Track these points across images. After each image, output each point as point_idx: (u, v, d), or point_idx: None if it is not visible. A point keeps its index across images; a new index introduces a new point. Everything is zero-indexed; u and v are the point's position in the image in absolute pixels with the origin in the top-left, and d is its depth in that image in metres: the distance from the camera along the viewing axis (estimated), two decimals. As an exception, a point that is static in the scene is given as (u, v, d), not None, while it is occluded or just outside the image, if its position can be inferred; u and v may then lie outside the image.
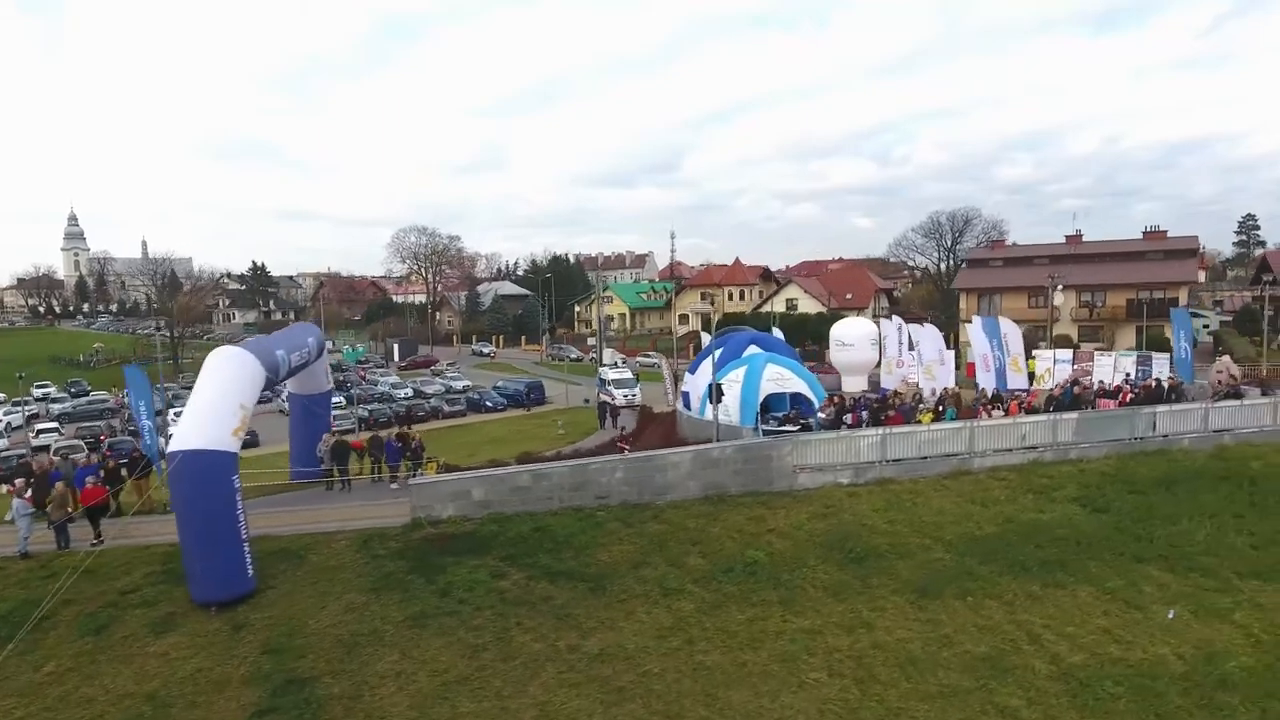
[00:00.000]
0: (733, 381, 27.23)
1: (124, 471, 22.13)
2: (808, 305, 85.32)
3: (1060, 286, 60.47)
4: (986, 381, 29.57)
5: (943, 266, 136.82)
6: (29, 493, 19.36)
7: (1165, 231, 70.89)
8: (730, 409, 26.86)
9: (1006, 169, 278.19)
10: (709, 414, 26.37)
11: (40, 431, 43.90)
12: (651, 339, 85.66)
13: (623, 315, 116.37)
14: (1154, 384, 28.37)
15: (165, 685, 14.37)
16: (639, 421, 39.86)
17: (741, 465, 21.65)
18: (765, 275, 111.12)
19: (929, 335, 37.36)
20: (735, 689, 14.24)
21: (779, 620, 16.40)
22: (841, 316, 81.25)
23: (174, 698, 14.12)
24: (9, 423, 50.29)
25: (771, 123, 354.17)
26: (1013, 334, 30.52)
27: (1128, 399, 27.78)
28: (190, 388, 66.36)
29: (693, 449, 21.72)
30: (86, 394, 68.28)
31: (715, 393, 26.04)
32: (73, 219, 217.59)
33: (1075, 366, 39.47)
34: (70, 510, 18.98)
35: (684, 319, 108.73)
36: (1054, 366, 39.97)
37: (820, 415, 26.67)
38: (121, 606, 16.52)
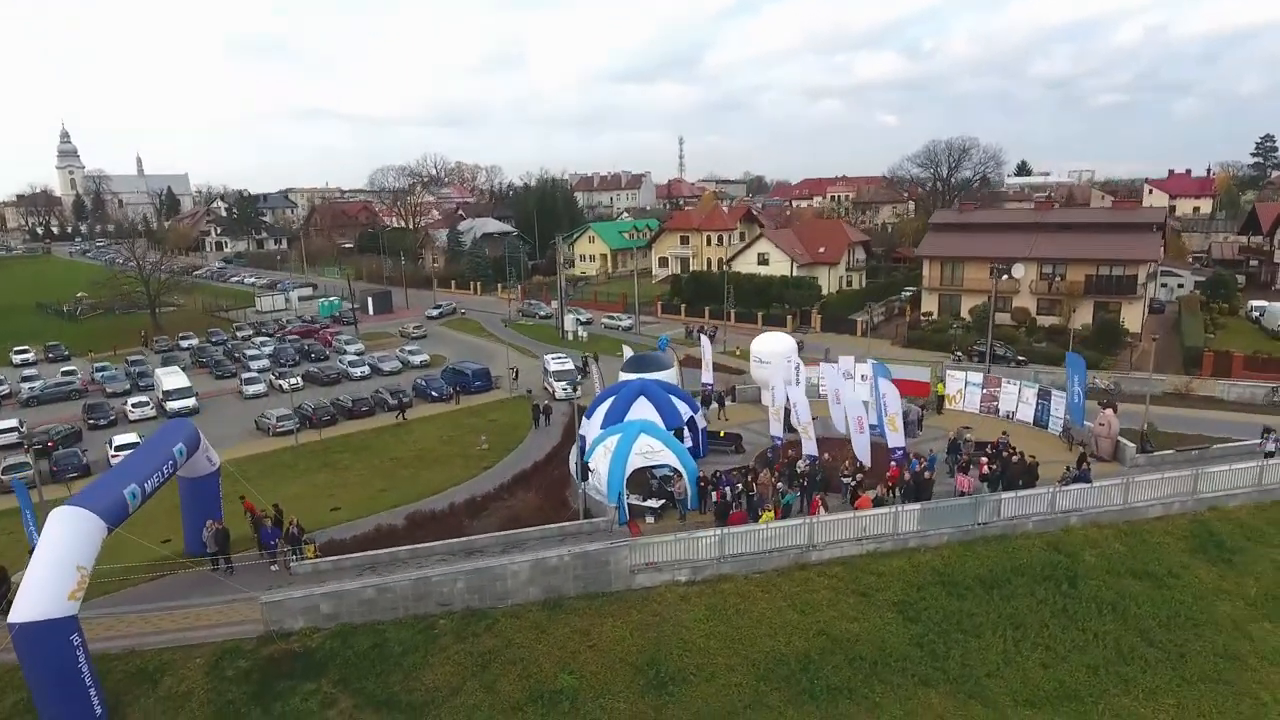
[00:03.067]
0: (607, 450, 28.34)
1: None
2: (779, 260, 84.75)
3: (1010, 273, 60.16)
4: (860, 446, 30.21)
5: (939, 201, 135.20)
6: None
7: (1138, 201, 69.39)
8: (600, 482, 28.15)
9: (1042, 63, 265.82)
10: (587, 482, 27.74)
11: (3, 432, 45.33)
12: (622, 296, 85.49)
13: (604, 256, 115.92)
14: (1015, 455, 29.21)
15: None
16: (546, 452, 39.28)
17: (580, 570, 23.22)
18: (747, 217, 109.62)
19: (890, 391, 32.17)
20: None
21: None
22: (811, 278, 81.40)
23: None
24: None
25: (799, 12, 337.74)
26: (890, 394, 31.10)
27: (985, 470, 28.76)
28: (168, 352, 65.38)
29: (531, 558, 23.24)
30: (67, 358, 70.01)
31: (582, 471, 27.31)
32: (64, 136, 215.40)
33: (984, 390, 40.20)
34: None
35: (664, 262, 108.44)
36: (965, 389, 40.73)
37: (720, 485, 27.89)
38: (-14, 741, 18.67)
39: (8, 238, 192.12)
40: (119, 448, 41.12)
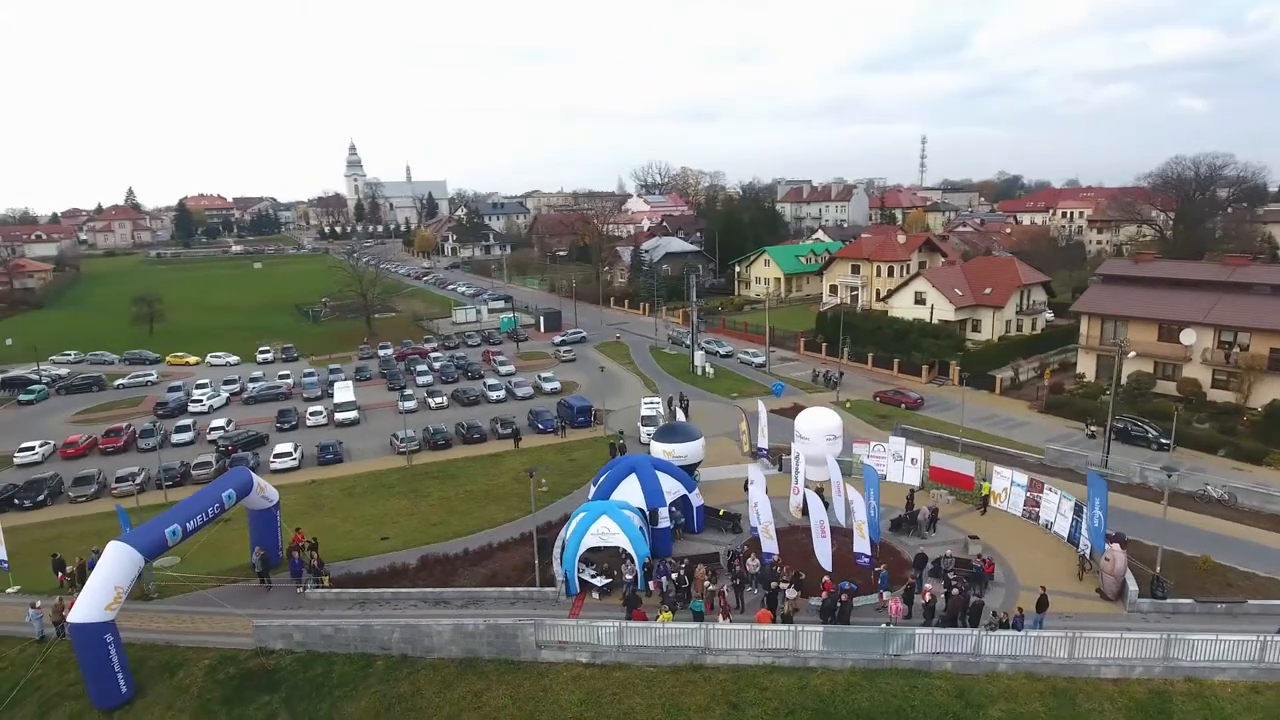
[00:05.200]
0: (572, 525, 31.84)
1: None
2: (937, 301, 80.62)
3: (1126, 352, 53.51)
4: (823, 551, 30.44)
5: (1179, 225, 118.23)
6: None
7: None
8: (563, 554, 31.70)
9: None
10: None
11: (213, 429, 58.35)
12: (770, 330, 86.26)
13: (777, 280, 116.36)
14: (960, 592, 28.00)
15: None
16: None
17: (493, 639, 27.15)
18: (928, 246, 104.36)
19: (857, 498, 31.50)
20: None
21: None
22: (961, 323, 76.90)
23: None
24: (211, 405, 66.88)
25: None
26: (858, 500, 30.85)
27: (926, 597, 28.09)
28: (365, 360, 72.64)
29: (452, 622, 27.55)
30: (295, 359, 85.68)
31: (539, 546, 31.10)
32: (352, 149, 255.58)
33: (1028, 494, 37.68)
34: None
35: (833, 290, 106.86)
36: (1010, 489, 38.43)
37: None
38: (61, 697, 26.83)
39: (301, 236, 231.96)
40: (276, 455, 51.73)
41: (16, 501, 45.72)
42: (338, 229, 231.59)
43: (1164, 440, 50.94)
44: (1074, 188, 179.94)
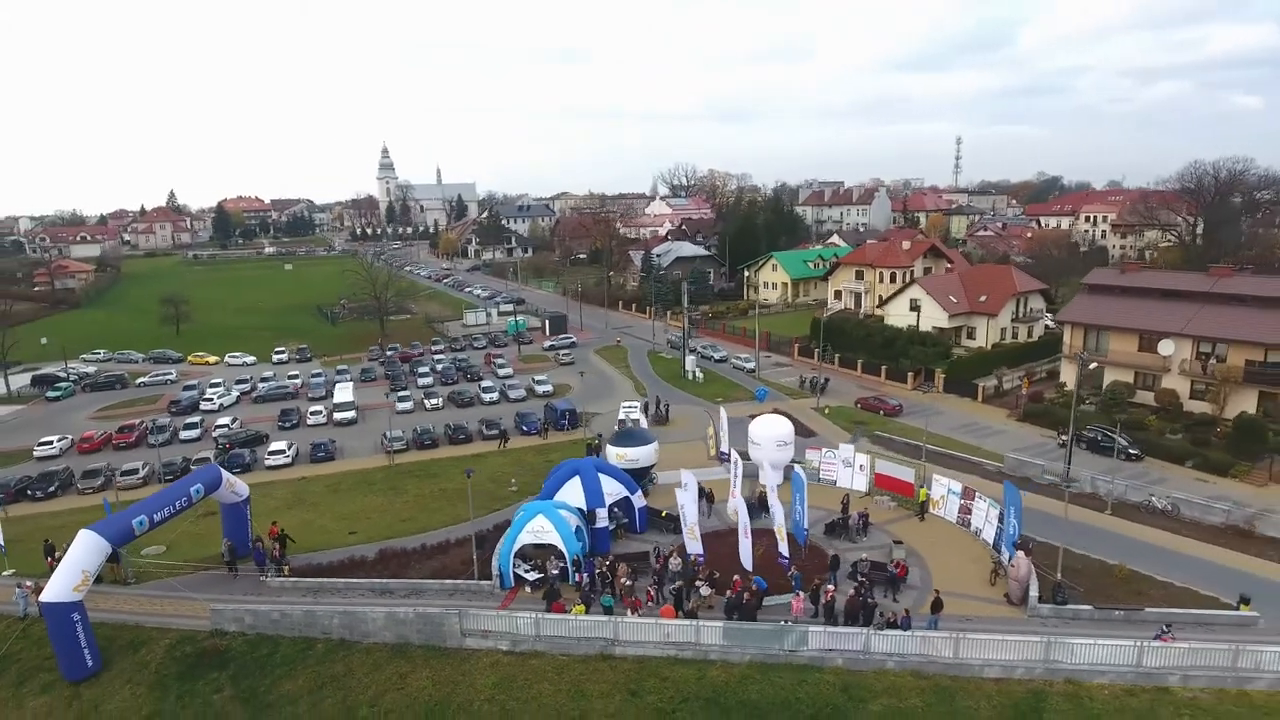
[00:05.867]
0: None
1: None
2: (931, 308, 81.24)
3: (1088, 363, 53.88)
4: (744, 551, 32.07)
5: (1198, 229, 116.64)
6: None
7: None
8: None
9: None
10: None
11: (217, 426, 61.91)
12: (765, 334, 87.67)
13: (785, 285, 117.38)
14: (857, 593, 29.54)
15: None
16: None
17: (422, 626, 29.49)
18: (933, 252, 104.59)
19: (778, 506, 33.72)
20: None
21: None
22: (954, 330, 77.56)
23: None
24: (222, 403, 70.63)
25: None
26: (777, 509, 32.51)
27: (830, 597, 29.68)
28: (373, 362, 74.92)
29: (386, 610, 29.95)
30: (309, 359, 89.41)
31: (475, 541, 33.41)
32: (384, 152, 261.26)
33: (961, 501, 38.90)
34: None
35: (838, 295, 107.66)
36: (946, 497, 39.69)
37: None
38: (36, 670, 29.83)
39: (333, 238, 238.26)
40: (271, 452, 54.92)
41: (29, 492, 49.42)
42: (369, 230, 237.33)
43: (1131, 450, 51.55)
44: (1099, 191, 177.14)
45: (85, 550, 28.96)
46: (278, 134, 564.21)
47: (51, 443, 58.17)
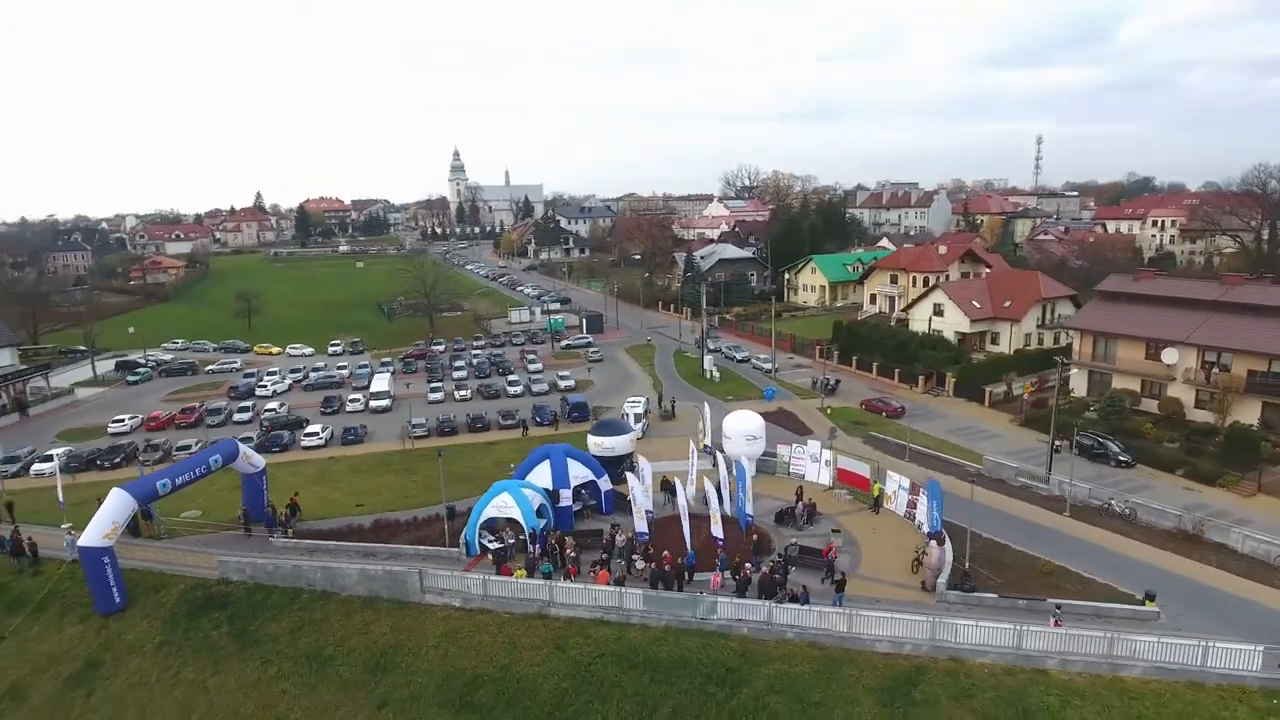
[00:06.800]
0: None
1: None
2: (953, 314, 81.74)
3: (1068, 367, 54.09)
4: (686, 531, 35.44)
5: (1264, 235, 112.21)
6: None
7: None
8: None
9: None
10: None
11: (266, 410, 68.58)
12: (790, 336, 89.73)
13: (823, 287, 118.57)
14: (771, 571, 32.33)
15: (55, 648, 32.98)
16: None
17: (389, 582, 33.89)
18: (971, 257, 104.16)
19: (712, 494, 37.00)
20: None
21: (292, 699, 29.67)
22: (991, 331, 78.15)
23: (59, 655, 32.63)
24: (275, 390, 77.51)
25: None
26: (712, 494, 35.49)
27: (747, 574, 32.58)
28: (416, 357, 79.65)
29: (359, 567, 34.47)
30: (361, 352, 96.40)
31: (449, 513, 37.69)
32: (456, 154, 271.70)
33: (909, 497, 40.96)
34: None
35: (873, 299, 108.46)
36: (897, 492, 41.79)
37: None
38: (75, 604, 35.57)
39: (404, 237, 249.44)
40: (307, 434, 60.87)
41: (98, 462, 56.49)
42: (438, 230, 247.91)
43: (1122, 457, 52.09)
44: (1171, 194, 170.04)
45: (116, 505, 34.55)
46: (361, 138, 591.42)
47: (123, 421, 65.66)
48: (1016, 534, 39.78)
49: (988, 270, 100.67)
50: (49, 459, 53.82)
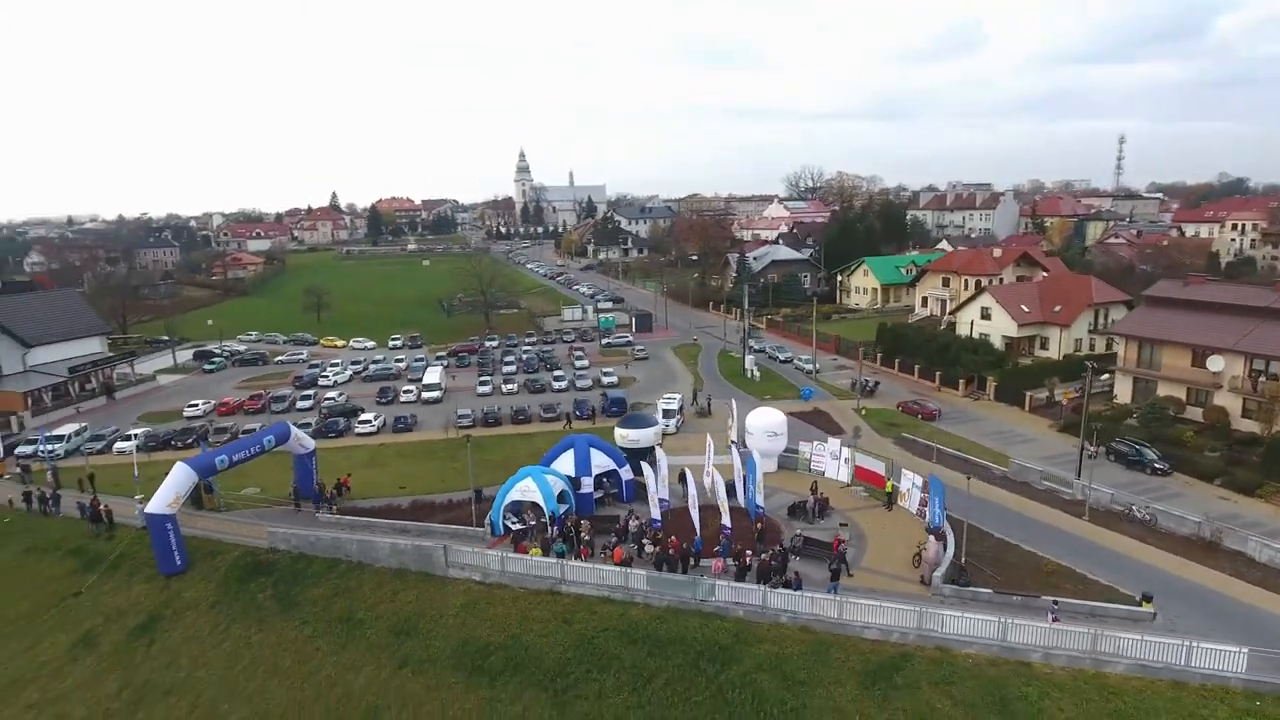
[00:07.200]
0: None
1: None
2: (1000, 319, 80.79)
3: (1100, 373, 53.05)
4: (694, 520, 37.20)
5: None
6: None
7: None
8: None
9: None
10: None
11: (325, 398, 73.28)
12: (835, 338, 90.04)
13: (875, 290, 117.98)
14: (769, 559, 33.77)
15: (124, 602, 36.96)
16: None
17: (417, 556, 36.71)
18: (1025, 260, 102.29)
19: (720, 486, 39.99)
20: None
21: (324, 656, 32.78)
22: (1040, 336, 77.38)
23: (126, 609, 36.62)
24: (335, 380, 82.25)
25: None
26: (720, 486, 37.04)
27: (747, 561, 34.12)
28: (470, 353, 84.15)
29: (390, 541, 37.40)
30: (419, 346, 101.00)
31: (476, 496, 40.36)
32: (521, 156, 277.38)
33: (922, 495, 41.70)
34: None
35: (924, 302, 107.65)
36: (910, 490, 42.58)
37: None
38: (143, 565, 39.60)
39: (470, 236, 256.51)
40: (360, 421, 64.84)
41: (173, 443, 61.49)
42: (503, 229, 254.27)
43: (1159, 465, 51.49)
44: (1262, 196, 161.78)
45: (178, 477, 38.40)
46: (433, 140, 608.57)
47: (198, 406, 71.00)
48: (1030, 535, 40.20)
49: (1044, 274, 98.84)
50: (129, 438, 58.94)
